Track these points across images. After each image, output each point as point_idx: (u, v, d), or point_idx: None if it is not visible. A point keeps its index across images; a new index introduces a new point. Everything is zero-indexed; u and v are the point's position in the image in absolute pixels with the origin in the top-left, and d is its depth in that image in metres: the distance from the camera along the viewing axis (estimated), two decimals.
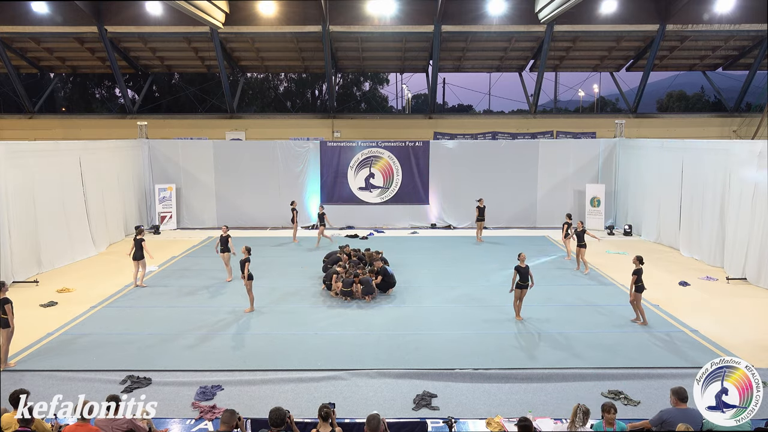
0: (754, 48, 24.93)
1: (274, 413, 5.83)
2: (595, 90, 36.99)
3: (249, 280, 11.79)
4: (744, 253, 14.17)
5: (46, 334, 10.64)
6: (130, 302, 12.75)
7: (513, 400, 8.13)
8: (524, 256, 11.34)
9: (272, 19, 22.82)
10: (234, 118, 26.38)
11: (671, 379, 8.45)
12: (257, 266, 15.96)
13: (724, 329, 10.81)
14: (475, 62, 27.24)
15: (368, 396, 8.26)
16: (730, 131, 26.16)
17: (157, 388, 8.47)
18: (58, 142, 18.78)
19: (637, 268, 10.98)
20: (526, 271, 11.19)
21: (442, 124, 26.32)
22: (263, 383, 8.65)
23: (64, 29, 23.42)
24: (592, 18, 22.97)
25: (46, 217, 15.51)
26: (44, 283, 14.15)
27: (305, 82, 38.11)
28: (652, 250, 17.94)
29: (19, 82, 25.44)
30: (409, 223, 22.52)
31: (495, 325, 11.19)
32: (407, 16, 22.91)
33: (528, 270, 11.23)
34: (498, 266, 15.94)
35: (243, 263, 11.79)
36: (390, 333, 10.78)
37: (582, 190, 22.12)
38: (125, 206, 20.53)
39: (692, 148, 17.42)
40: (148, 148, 22.26)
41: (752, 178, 13.88)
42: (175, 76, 34.57)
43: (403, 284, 13.99)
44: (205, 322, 11.39)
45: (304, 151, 22.47)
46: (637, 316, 11.26)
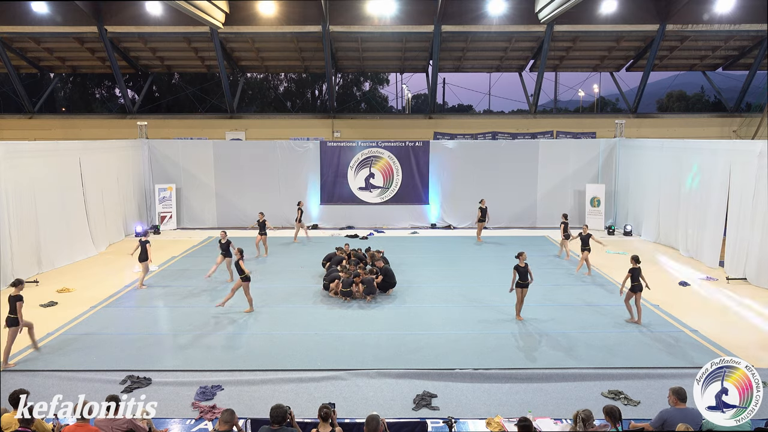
0: (754, 48, 24.93)
1: (275, 410, 5.86)
2: (595, 90, 37.01)
3: (246, 281, 11.70)
4: (744, 253, 14.17)
5: (46, 334, 10.63)
6: (130, 302, 12.75)
7: (513, 400, 8.12)
8: (525, 255, 11.32)
9: (272, 19, 22.83)
10: (234, 118, 26.39)
11: (671, 379, 8.44)
12: (257, 266, 16.02)
13: (724, 329, 10.81)
14: (475, 62, 27.25)
15: (368, 396, 8.26)
16: (730, 131, 26.16)
17: (157, 388, 8.46)
18: (58, 143, 18.78)
19: (633, 268, 10.97)
20: (524, 270, 11.18)
21: (442, 124, 26.33)
22: (263, 383, 8.65)
23: (64, 29, 23.43)
24: (592, 18, 22.98)
25: (46, 217, 15.51)
26: (44, 283, 14.15)
27: (305, 82, 38.11)
28: (652, 250, 17.95)
29: (19, 82, 25.44)
30: (409, 223, 22.52)
31: (495, 325, 11.19)
32: (407, 16, 22.91)
33: (527, 268, 11.21)
34: (498, 266, 15.93)
35: (237, 265, 11.76)
36: (390, 333, 10.78)
37: (582, 190, 22.13)
38: (125, 206, 20.53)
39: (692, 148, 17.42)
40: (148, 148, 22.25)
41: (752, 178, 13.88)
42: (175, 76, 34.56)
43: (403, 284, 13.99)
44: (205, 322, 11.40)
45: (304, 151, 22.47)
46: (631, 316, 11.26)
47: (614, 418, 6.00)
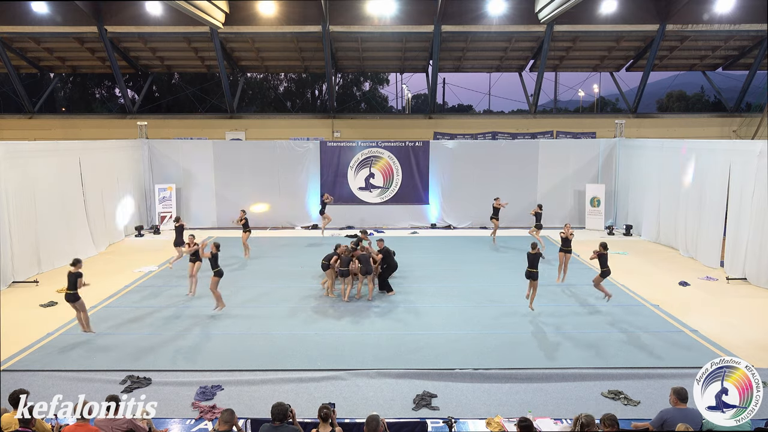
0: (754, 48, 24.93)
1: (275, 408, 5.88)
2: (595, 90, 37.01)
3: (216, 277, 11.66)
4: (744, 253, 14.17)
5: (46, 334, 10.64)
6: (130, 302, 12.75)
7: (513, 400, 8.12)
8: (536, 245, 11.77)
9: (272, 19, 22.82)
10: (234, 118, 26.38)
11: (671, 379, 8.44)
12: (257, 266, 16.03)
13: (724, 329, 10.81)
14: (475, 62, 27.24)
15: (368, 396, 8.26)
16: (730, 131, 26.15)
17: (157, 388, 8.47)
18: (58, 142, 18.79)
19: (601, 253, 11.81)
20: (533, 258, 11.58)
21: (442, 124, 26.32)
22: (263, 383, 8.65)
23: (64, 29, 23.41)
24: (592, 18, 22.97)
25: (46, 217, 15.51)
26: (44, 283, 14.15)
27: (305, 82, 38.11)
28: (651, 250, 17.96)
29: (19, 82, 25.42)
30: (409, 223, 22.51)
31: (495, 325, 11.19)
32: (407, 16, 22.90)
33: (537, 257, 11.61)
34: (498, 266, 15.96)
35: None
36: (390, 333, 10.79)
37: (582, 190, 22.13)
38: (125, 206, 20.54)
39: (692, 148, 17.41)
40: (148, 148, 22.25)
41: (752, 178, 13.87)
42: (175, 76, 34.57)
43: (404, 284, 14.00)
44: (205, 322, 11.40)
45: (304, 151, 22.47)
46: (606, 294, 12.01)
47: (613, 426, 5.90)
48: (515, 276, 14.17)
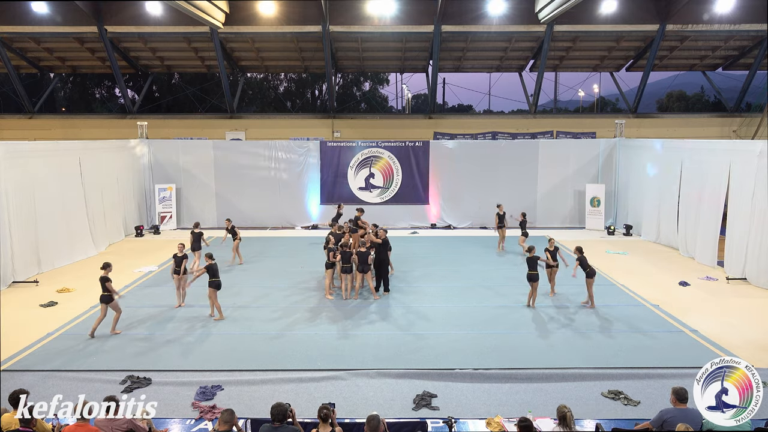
0: (754, 48, 24.93)
1: (275, 408, 5.88)
2: (595, 90, 37.02)
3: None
4: (744, 253, 14.17)
5: (46, 334, 10.64)
6: (130, 302, 12.73)
7: (513, 400, 8.12)
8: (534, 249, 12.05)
9: (272, 19, 22.82)
10: (234, 118, 26.38)
11: (671, 379, 8.45)
12: (258, 266, 16.03)
13: (724, 329, 10.81)
14: (475, 62, 27.24)
15: (368, 396, 8.26)
16: (730, 131, 26.15)
17: (157, 388, 8.47)
18: (58, 142, 18.79)
19: (579, 257, 12.04)
20: (531, 261, 11.86)
21: (442, 124, 26.32)
22: (263, 383, 8.65)
23: (64, 29, 23.42)
24: (592, 18, 22.97)
25: (46, 217, 15.51)
26: (44, 283, 14.15)
27: (305, 82, 38.11)
28: (651, 250, 17.96)
29: (19, 82, 25.42)
30: (409, 223, 22.51)
31: (495, 325, 11.19)
32: (407, 16, 22.90)
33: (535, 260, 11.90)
34: (498, 266, 15.96)
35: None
36: (390, 333, 10.79)
37: (582, 190, 22.12)
38: (125, 206, 20.54)
39: (692, 147, 17.42)
40: (148, 148, 22.25)
41: (752, 178, 13.87)
42: (175, 76, 34.57)
43: (403, 284, 14.01)
44: (205, 322, 11.40)
45: (304, 151, 22.47)
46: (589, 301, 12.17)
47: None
48: (515, 276, 14.19)
